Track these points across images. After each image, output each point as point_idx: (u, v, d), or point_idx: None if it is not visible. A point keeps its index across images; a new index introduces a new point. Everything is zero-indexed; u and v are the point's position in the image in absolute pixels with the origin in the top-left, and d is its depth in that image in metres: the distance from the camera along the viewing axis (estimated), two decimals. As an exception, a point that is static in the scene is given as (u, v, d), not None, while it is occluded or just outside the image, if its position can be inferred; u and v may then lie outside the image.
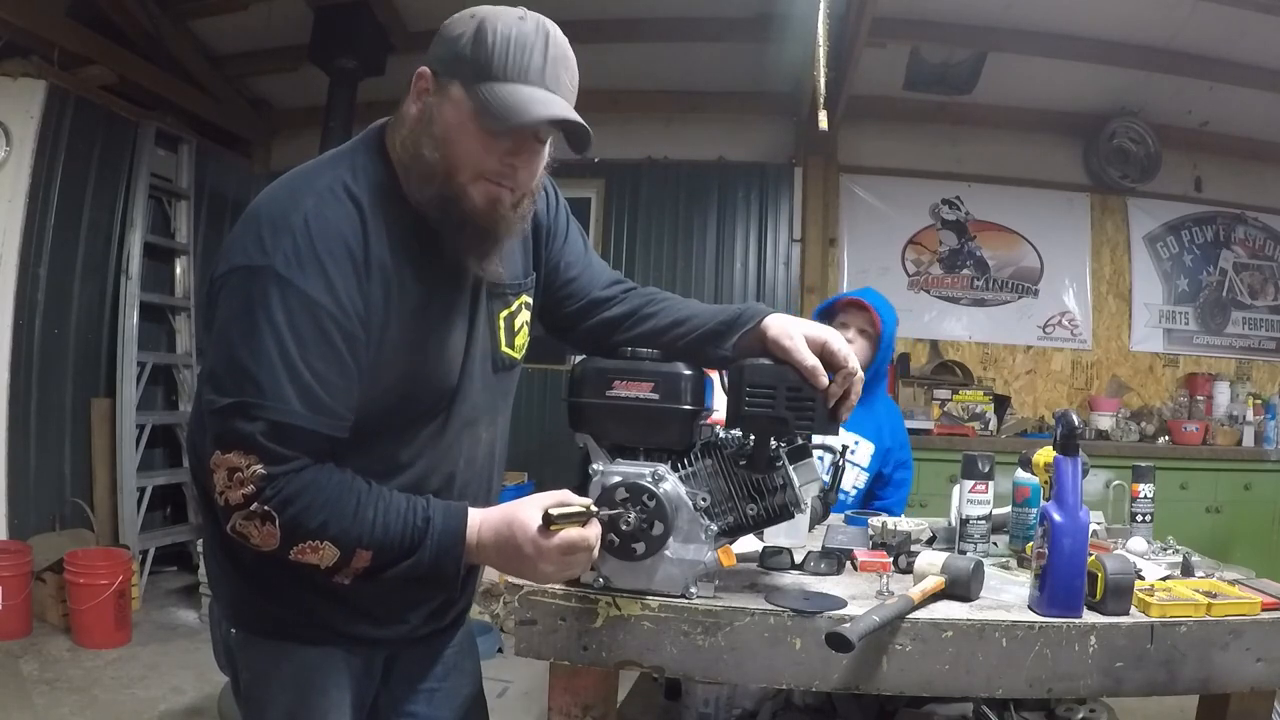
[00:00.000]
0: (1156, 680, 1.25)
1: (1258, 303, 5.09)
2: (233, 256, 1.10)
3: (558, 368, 4.65)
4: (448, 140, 1.13)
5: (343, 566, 1.11)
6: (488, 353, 1.30)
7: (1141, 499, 1.81)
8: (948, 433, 4.43)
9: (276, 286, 1.06)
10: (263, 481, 1.06)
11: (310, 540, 1.08)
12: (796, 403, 1.25)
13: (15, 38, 3.90)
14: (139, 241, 4.43)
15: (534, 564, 1.13)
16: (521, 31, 1.11)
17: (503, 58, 1.10)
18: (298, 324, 1.06)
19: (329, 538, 1.09)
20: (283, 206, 1.11)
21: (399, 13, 4.61)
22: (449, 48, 1.14)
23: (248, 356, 1.06)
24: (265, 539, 1.08)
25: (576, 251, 1.45)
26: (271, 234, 1.08)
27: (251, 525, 1.08)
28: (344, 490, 1.10)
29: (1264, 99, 4.46)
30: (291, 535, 1.08)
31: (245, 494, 1.06)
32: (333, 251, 1.09)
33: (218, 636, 1.31)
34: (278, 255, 1.07)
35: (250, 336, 1.06)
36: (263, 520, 1.07)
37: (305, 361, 1.07)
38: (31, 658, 3.41)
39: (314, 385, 1.07)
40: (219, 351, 1.09)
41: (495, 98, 1.09)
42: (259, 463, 1.06)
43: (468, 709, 1.47)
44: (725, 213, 5.13)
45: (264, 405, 1.05)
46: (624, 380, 1.27)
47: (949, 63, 4.66)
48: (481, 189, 1.14)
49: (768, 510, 1.27)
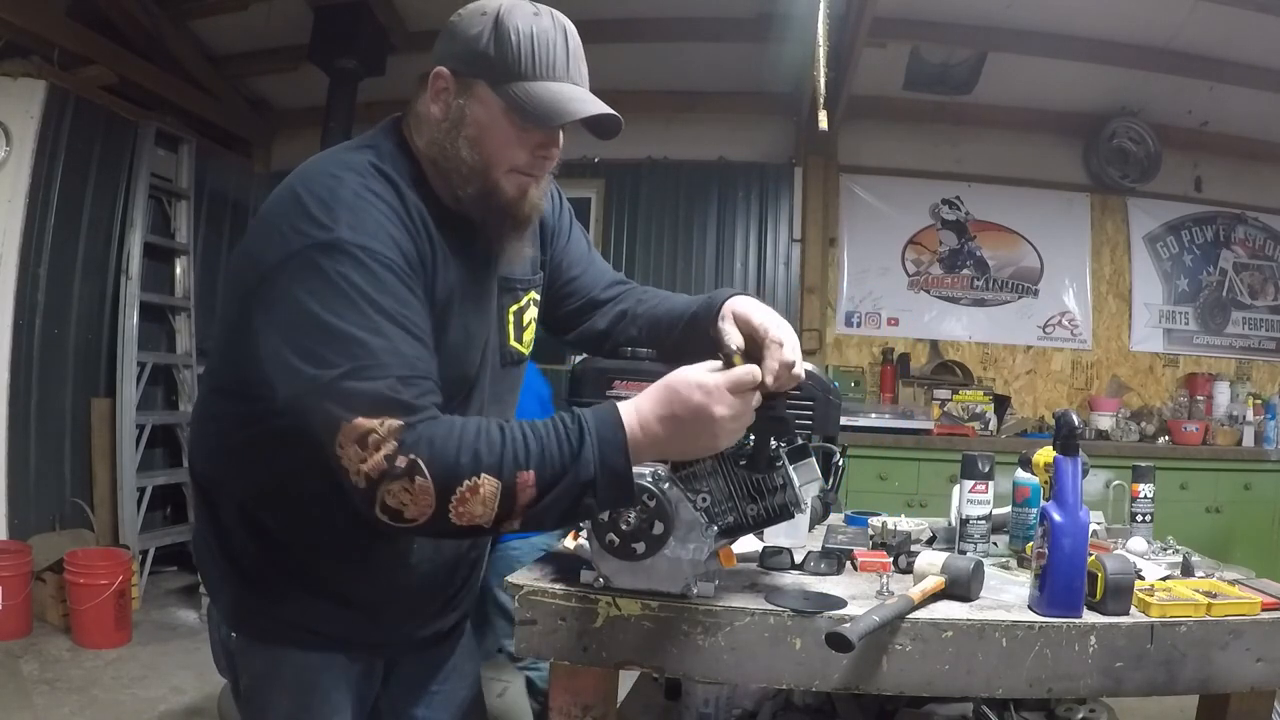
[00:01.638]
0: (1156, 680, 1.25)
1: (1258, 303, 5.09)
2: (288, 241, 1.06)
3: (558, 368, 4.64)
4: (481, 140, 1.15)
5: (510, 503, 1.03)
6: (498, 346, 1.31)
7: (1141, 499, 1.81)
8: (948, 433, 4.43)
9: (349, 254, 1.04)
10: (400, 432, 1.00)
11: (467, 479, 1.00)
12: (797, 403, 1.25)
13: (15, 38, 3.90)
14: (139, 241, 4.43)
15: (710, 414, 1.07)
16: (541, 28, 1.13)
17: (529, 56, 1.12)
18: (382, 283, 1.05)
19: (484, 469, 1.01)
20: (327, 184, 1.10)
21: (399, 13, 4.61)
22: (467, 46, 1.14)
23: (345, 324, 1.02)
24: (420, 500, 1.00)
25: (579, 252, 1.47)
26: (325, 210, 1.07)
27: (402, 489, 1.00)
28: (482, 423, 1.04)
29: (1264, 99, 4.46)
30: (446, 481, 1.00)
31: (386, 454, 0.99)
32: (389, 217, 1.10)
33: (217, 640, 1.30)
34: (341, 226, 1.06)
35: (340, 305, 1.03)
36: (411, 476, 0.99)
37: (403, 316, 1.05)
38: (31, 658, 3.41)
39: (413, 337, 1.06)
40: (306, 330, 1.03)
41: (531, 98, 1.12)
42: (392, 416, 1.00)
43: (466, 711, 1.47)
44: (725, 213, 5.13)
45: (380, 363, 1.02)
46: (624, 380, 1.27)
47: (949, 63, 4.67)
48: (513, 180, 1.17)
49: (768, 510, 1.27)
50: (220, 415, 1.23)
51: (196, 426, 1.29)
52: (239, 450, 1.20)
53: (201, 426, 1.27)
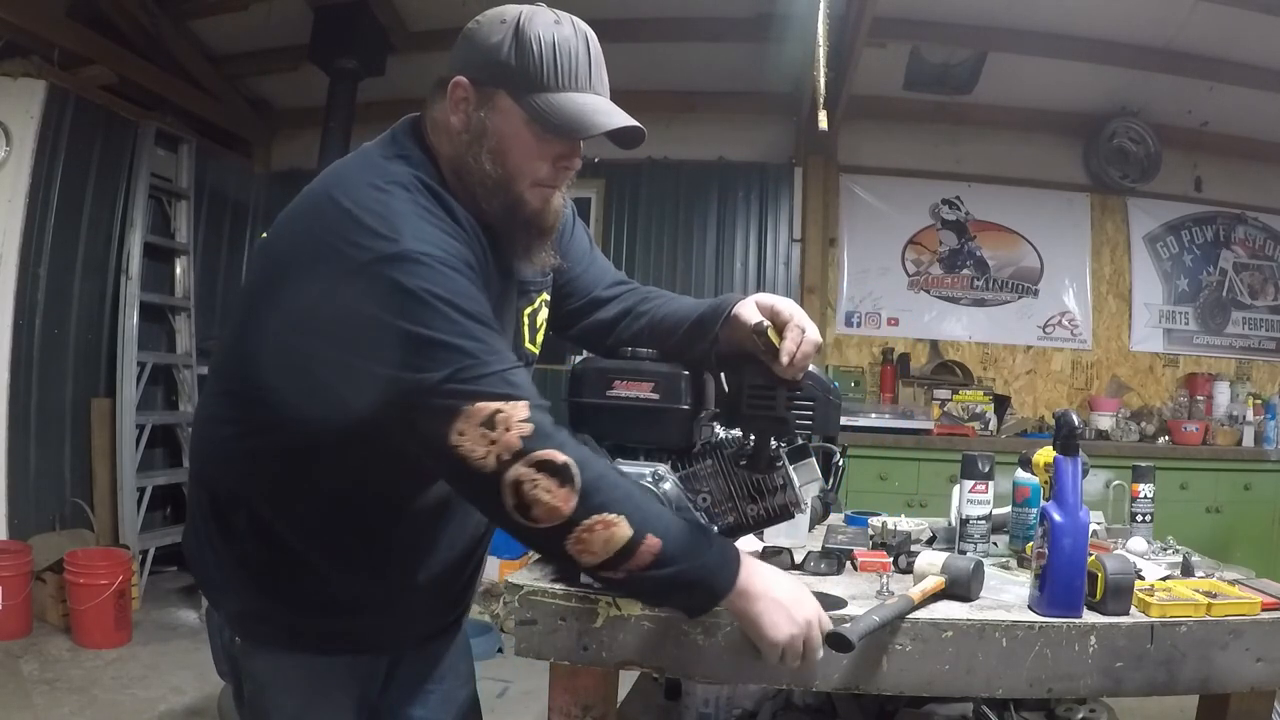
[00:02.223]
0: (1156, 680, 1.25)
1: (1258, 303, 5.09)
2: (344, 258, 1.03)
3: (558, 368, 4.64)
4: (503, 152, 1.13)
5: (625, 558, 1.00)
6: (514, 348, 1.30)
7: (1141, 499, 1.81)
8: (948, 433, 4.43)
9: (421, 264, 1.03)
10: (533, 412, 0.97)
11: (607, 513, 0.98)
12: (796, 403, 1.25)
13: (15, 38, 3.89)
14: (139, 241, 4.43)
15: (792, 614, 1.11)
16: (563, 36, 1.12)
17: (551, 67, 1.10)
18: (460, 290, 1.04)
19: (625, 512, 0.99)
20: (377, 198, 1.07)
21: (399, 13, 4.61)
22: (487, 55, 1.12)
23: (435, 332, 1.00)
24: (552, 507, 0.97)
25: (581, 250, 1.47)
26: (384, 223, 1.05)
27: (544, 483, 0.97)
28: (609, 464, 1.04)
29: (1264, 99, 4.45)
30: (589, 499, 0.97)
31: (521, 434, 0.97)
32: (444, 227, 1.09)
33: (218, 644, 1.29)
34: (405, 238, 1.03)
35: (426, 314, 1.01)
36: (558, 479, 0.96)
37: (485, 317, 1.05)
38: (31, 658, 3.41)
39: (497, 336, 1.06)
40: (390, 343, 1.00)
41: (555, 110, 1.10)
42: (515, 400, 0.98)
43: (464, 710, 1.47)
44: (725, 213, 5.13)
45: (481, 361, 1.00)
46: (624, 380, 1.27)
47: (949, 63, 4.66)
48: (536, 193, 1.17)
49: (768, 510, 1.27)
50: (228, 419, 1.21)
51: (202, 429, 1.27)
52: (250, 456, 1.18)
53: (209, 430, 1.25)
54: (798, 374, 1.23)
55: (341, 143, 4.30)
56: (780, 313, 1.25)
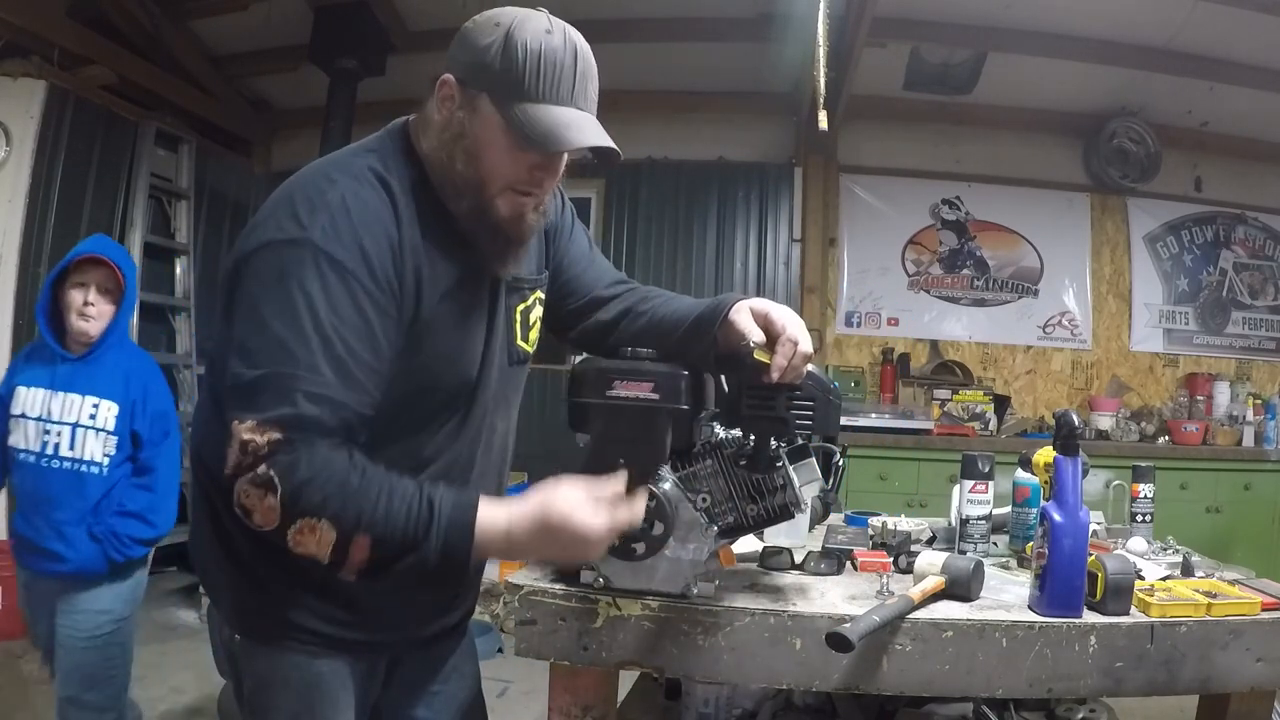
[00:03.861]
0: (1156, 680, 1.25)
1: (1258, 303, 5.09)
2: (265, 233, 1.09)
3: (558, 368, 4.64)
4: (477, 154, 1.14)
5: (342, 556, 1.05)
6: (504, 345, 1.31)
7: (1141, 499, 1.81)
8: (948, 433, 4.43)
9: (314, 259, 1.06)
10: (276, 446, 1.02)
11: (308, 517, 1.03)
12: (797, 403, 1.25)
13: (15, 38, 3.89)
14: (139, 241, 4.43)
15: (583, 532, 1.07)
16: (550, 46, 1.11)
17: (534, 76, 1.10)
18: (334, 297, 1.06)
19: (327, 515, 1.04)
20: (318, 186, 1.11)
21: (399, 13, 4.62)
22: (475, 56, 1.13)
23: (283, 328, 1.04)
24: (266, 514, 1.04)
25: (580, 250, 1.47)
26: (308, 210, 1.08)
27: (255, 495, 1.04)
28: (351, 470, 1.06)
29: (1264, 99, 4.46)
30: (291, 509, 1.03)
31: (256, 456, 1.03)
32: (370, 228, 1.10)
33: (219, 641, 1.29)
34: (315, 229, 1.07)
35: (286, 308, 1.05)
36: (265, 490, 1.03)
37: (339, 335, 1.06)
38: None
39: (347, 359, 1.06)
40: (250, 324, 1.06)
41: (530, 121, 1.10)
42: (277, 431, 1.03)
43: (467, 711, 1.47)
44: (725, 213, 5.13)
45: (298, 375, 1.03)
46: (624, 380, 1.27)
47: (949, 63, 4.67)
48: (507, 200, 1.17)
49: (768, 510, 1.27)
50: (217, 415, 1.20)
51: (197, 426, 1.29)
52: None
53: (202, 427, 1.26)
54: (786, 379, 1.23)
55: (341, 143, 4.24)
56: (774, 322, 1.24)
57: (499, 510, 1.09)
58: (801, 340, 1.23)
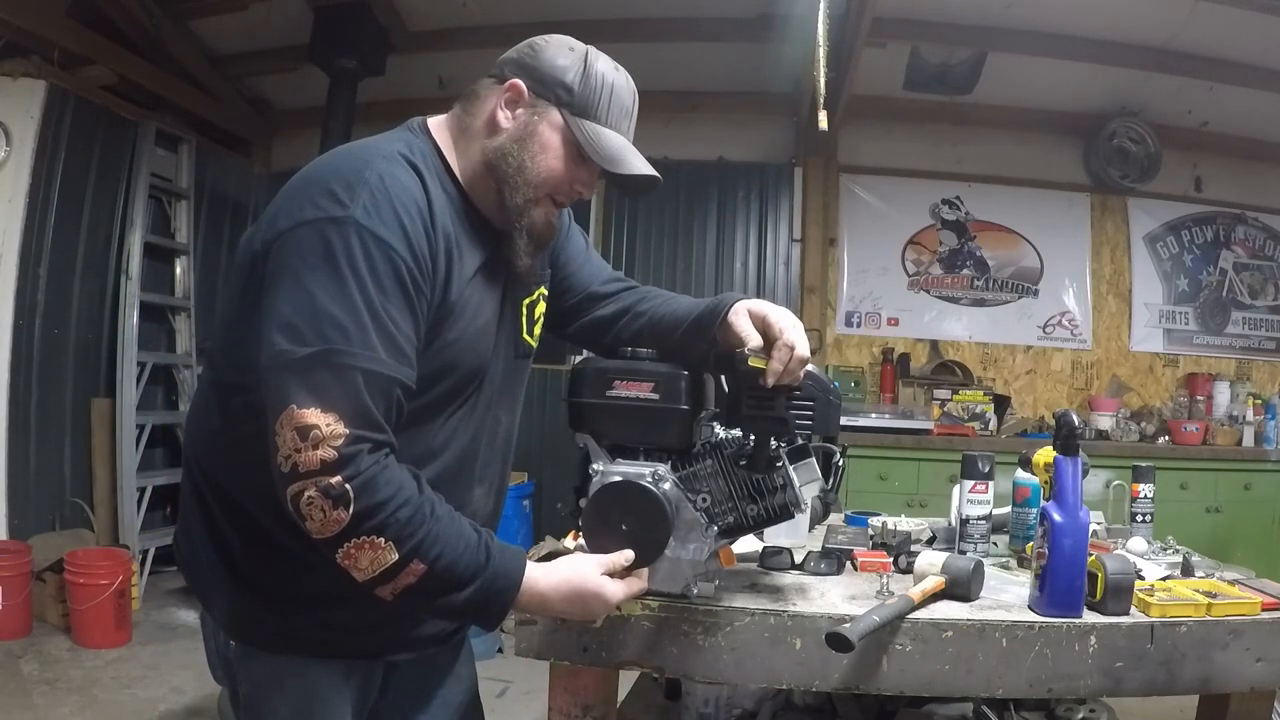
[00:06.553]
0: (1156, 680, 1.25)
1: (1258, 303, 5.09)
2: (302, 212, 1.08)
3: (558, 368, 4.64)
4: (541, 158, 1.21)
5: (390, 579, 1.05)
6: (512, 338, 1.32)
7: (1141, 499, 1.81)
8: (948, 433, 4.43)
9: (358, 235, 1.06)
10: (347, 445, 1.01)
11: (373, 536, 1.03)
12: (797, 403, 1.25)
13: (15, 38, 3.89)
14: (139, 241, 4.43)
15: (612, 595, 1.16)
16: (619, 83, 1.26)
17: (606, 103, 1.24)
18: (380, 273, 1.07)
19: (393, 538, 1.03)
20: (352, 165, 1.12)
21: (399, 13, 4.61)
22: (551, 73, 1.22)
23: (332, 304, 1.04)
24: (328, 525, 1.02)
25: (577, 247, 1.49)
26: (346, 189, 1.09)
27: (324, 505, 1.01)
28: (424, 498, 1.07)
29: (1264, 99, 4.46)
30: (359, 524, 1.02)
31: (324, 458, 1.00)
32: (407, 207, 1.11)
33: (213, 647, 1.28)
34: (357, 207, 1.07)
35: (334, 285, 1.04)
36: (336, 503, 1.01)
37: (387, 311, 1.07)
38: (31, 658, 3.41)
39: (397, 335, 1.07)
40: (295, 302, 1.04)
41: (599, 138, 1.22)
42: (341, 423, 1.01)
43: (465, 715, 1.47)
44: (725, 213, 5.13)
45: (353, 352, 1.03)
46: (624, 380, 1.27)
47: (949, 63, 4.66)
48: (542, 209, 1.24)
49: (768, 510, 1.27)
50: (216, 410, 1.21)
51: (192, 422, 1.28)
52: (236, 447, 1.17)
53: (198, 422, 1.25)
54: (783, 380, 1.24)
55: (341, 142, 4.29)
56: (771, 325, 1.26)
57: (539, 571, 1.16)
58: (798, 344, 1.24)
